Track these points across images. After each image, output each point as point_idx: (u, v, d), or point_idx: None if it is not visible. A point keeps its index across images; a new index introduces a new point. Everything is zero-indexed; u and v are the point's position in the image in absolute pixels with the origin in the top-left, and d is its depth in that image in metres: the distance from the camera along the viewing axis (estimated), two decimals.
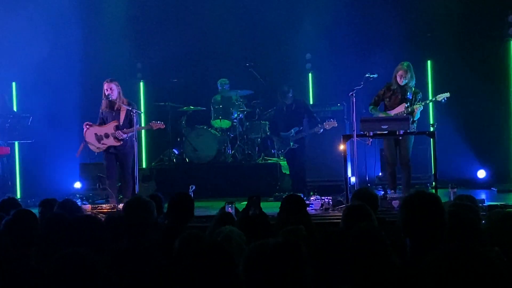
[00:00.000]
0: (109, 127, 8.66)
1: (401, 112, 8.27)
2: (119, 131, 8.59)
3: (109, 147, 8.72)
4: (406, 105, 8.31)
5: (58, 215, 4.29)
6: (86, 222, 3.73)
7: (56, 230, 3.91)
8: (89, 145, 8.85)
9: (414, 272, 2.66)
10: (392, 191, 8.39)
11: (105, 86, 8.62)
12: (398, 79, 8.34)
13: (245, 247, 3.42)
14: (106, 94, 8.59)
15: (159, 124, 8.90)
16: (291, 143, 9.84)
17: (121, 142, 8.65)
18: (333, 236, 3.62)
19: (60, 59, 11.13)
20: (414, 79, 8.47)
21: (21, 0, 11.11)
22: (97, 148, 8.81)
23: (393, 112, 8.32)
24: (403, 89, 8.37)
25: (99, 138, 8.70)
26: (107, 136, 8.67)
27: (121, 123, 8.67)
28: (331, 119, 9.62)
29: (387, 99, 8.45)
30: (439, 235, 2.94)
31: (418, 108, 8.25)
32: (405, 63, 8.39)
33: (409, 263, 2.95)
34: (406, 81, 8.33)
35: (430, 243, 2.89)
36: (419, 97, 8.43)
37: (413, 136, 8.28)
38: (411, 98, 8.38)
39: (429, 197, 3.08)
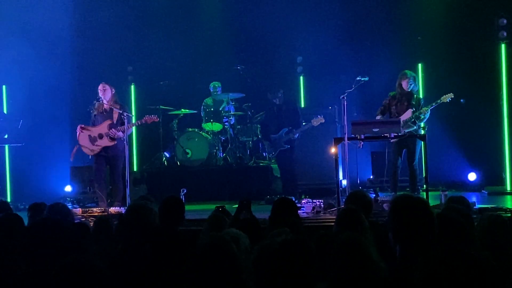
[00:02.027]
0: (103, 127, 8.69)
1: (408, 117, 8.54)
2: (113, 129, 8.59)
3: (100, 150, 8.71)
4: (413, 110, 8.59)
5: (47, 219, 4.24)
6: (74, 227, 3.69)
7: (44, 235, 3.87)
8: (82, 148, 8.83)
9: (403, 278, 2.64)
10: (393, 193, 8.63)
11: (100, 87, 8.67)
12: (404, 85, 8.69)
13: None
14: (102, 96, 8.64)
15: (153, 118, 8.85)
16: (282, 144, 9.80)
17: (115, 142, 8.65)
18: (324, 239, 3.63)
19: (51, 62, 11.10)
20: (418, 86, 8.88)
21: (12, 3, 11.07)
22: (91, 150, 8.79)
23: (401, 118, 8.53)
24: (408, 95, 8.70)
25: (93, 140, 8.70)
26: (101, 136, 8.68)
27: (114, 122, 8.69)
28: (318, 116, 9.62)
29: (393, 107, 8.76)
30: (428, 239, 2.90)
31: (426, 112, 8.45)
32: (409, 71, 8.79)
33: (398, 269, 2.93)
34: (413, 86, 8.72)
35: (419, 247, 2.86)
36: (422, 103, 8.74)
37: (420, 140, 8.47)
38: (415, 103, 8.68)
39: (415, 202, 3.02)
